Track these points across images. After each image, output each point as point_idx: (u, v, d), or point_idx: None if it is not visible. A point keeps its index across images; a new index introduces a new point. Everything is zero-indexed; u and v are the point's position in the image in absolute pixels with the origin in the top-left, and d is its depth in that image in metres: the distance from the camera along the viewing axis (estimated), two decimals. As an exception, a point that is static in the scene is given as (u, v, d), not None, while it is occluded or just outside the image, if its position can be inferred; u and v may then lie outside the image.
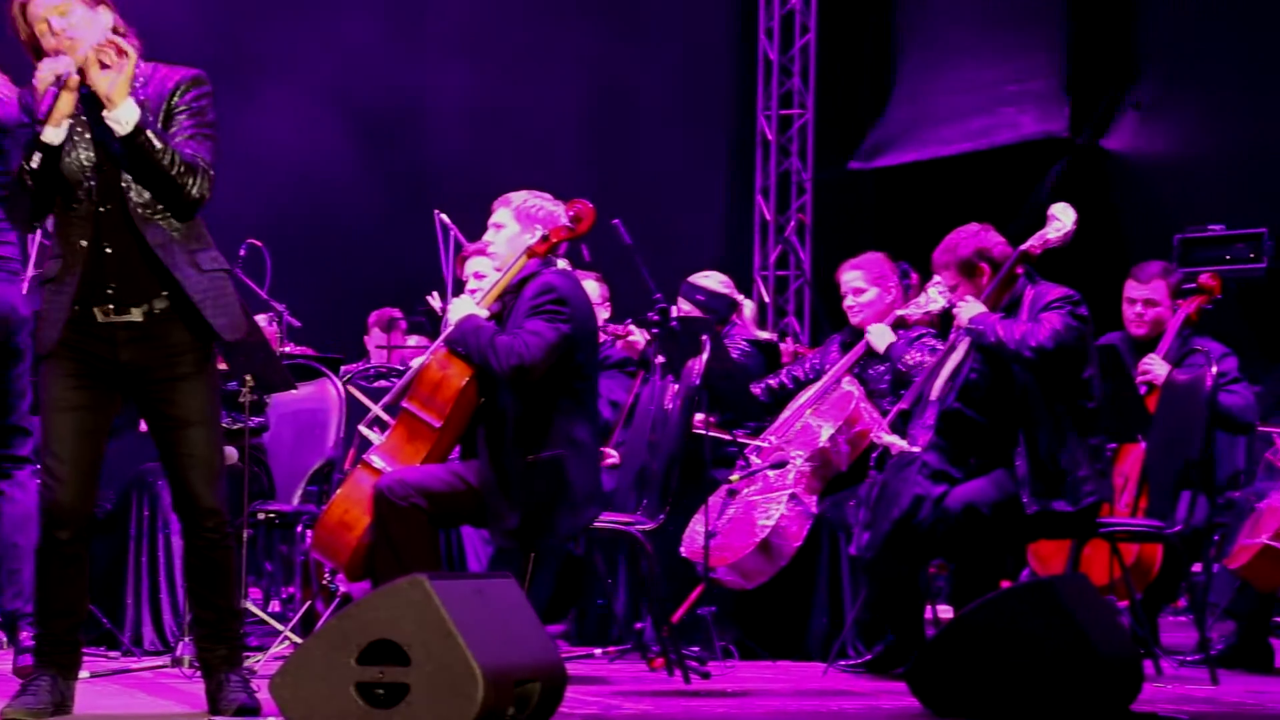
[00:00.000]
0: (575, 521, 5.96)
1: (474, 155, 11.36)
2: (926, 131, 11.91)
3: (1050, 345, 6.00)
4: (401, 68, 11.58)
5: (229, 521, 4.86)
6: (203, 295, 4.77)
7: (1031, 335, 6.02)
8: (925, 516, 6.08)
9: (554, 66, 11.67)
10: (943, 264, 6.32)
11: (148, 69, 4.79)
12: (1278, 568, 6.44)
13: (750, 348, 7.63)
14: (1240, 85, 10.77)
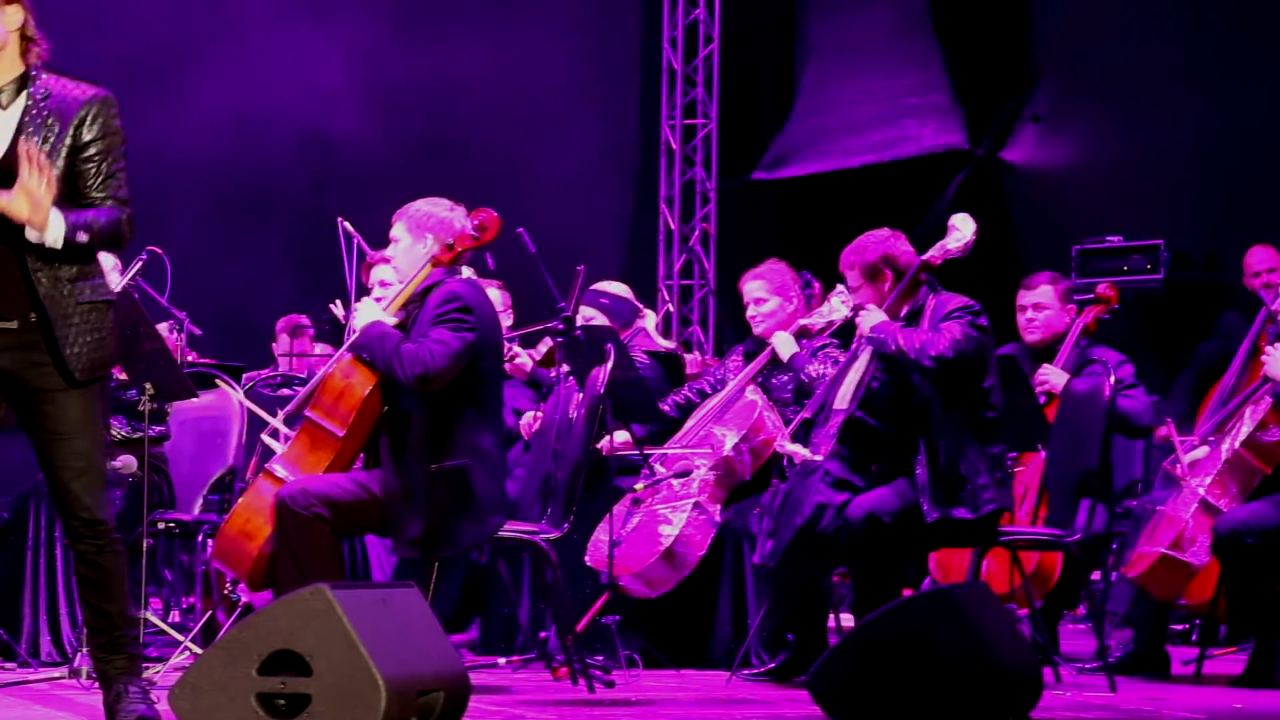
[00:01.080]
0: (480, 531, 5.95)
1: (382, 164, 11.31)
2: (829, 143, 11.98)
3: (950, 354, 6.05)
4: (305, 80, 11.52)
5: (113, 529, 4.75)
6: (66, 327, 4.59)
7: (931, 345, 6.07)
8: (828, 525, 6.11)
9: (459, 74, 11.64)
10: (848, 264, 6.37)
11: (50, 81, 4.65)
12: (1175, 576, 6.52)
13: (649, 360, 7.64)
14: (1136, 97, 10.91)
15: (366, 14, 11.60)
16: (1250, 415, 6.38)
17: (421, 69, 11.55)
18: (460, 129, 11.65)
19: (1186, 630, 7.85)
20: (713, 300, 11.83)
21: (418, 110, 11.64)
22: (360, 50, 11.60)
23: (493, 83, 11.71)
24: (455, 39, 11.60)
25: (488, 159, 11.52)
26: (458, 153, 11.47)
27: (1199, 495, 6.42)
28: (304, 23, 11.57)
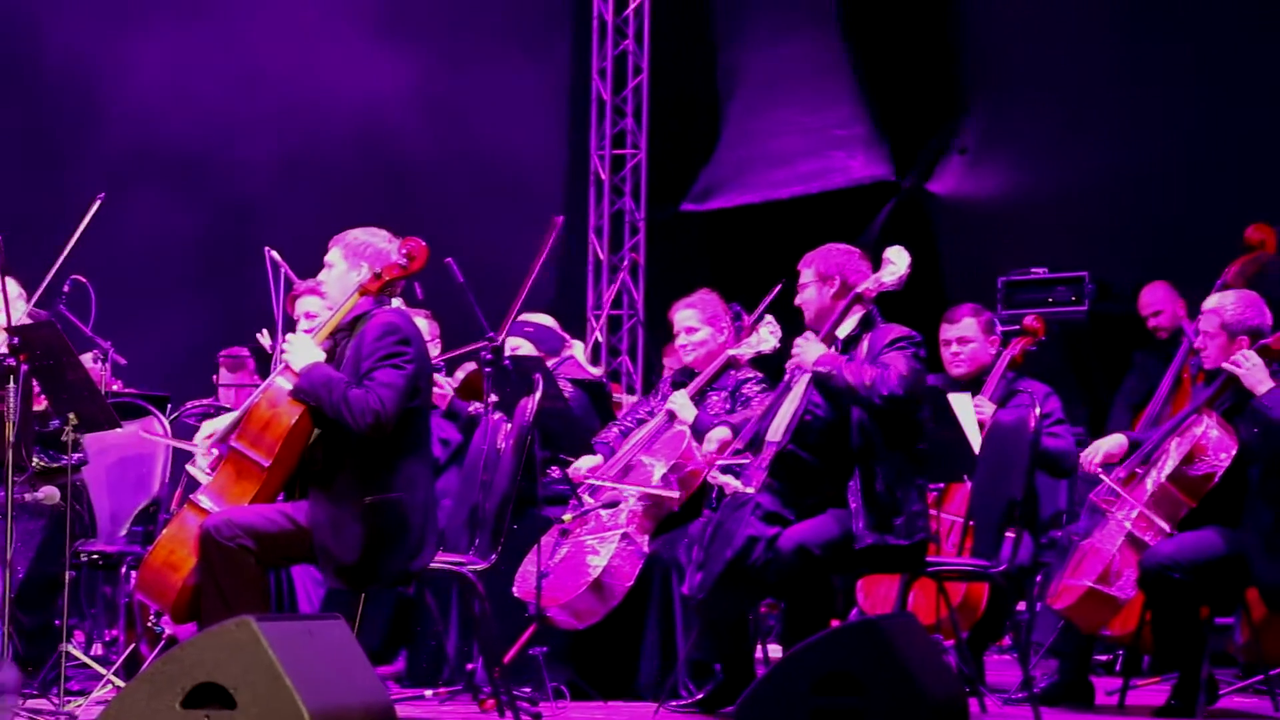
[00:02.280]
0: (411, 563, 5.92)
1: (300, 197, 11.26)
2: (757, 174, 12.03)
3: (901, 392, 6.06)
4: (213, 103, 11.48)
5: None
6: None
7: (882, 383, 6.06)
8: (758, 558, 6.10)
9: (390, 102, 11.62)
10: (808, 262, 6.37)
11: None
12: (1101, 609, 6.55)
13: (574, 388, 7.64)
14: (1061, 131, 11.01)
15: (297, 46, 11.57)
16: (1176, 449, 6.42)
17: (354, 97, 11.52)
18: (391, 159, 11.62)
19: (1110, 661, 7.90)
20: (641, 330, 11.84)
21: (347, 138, 11.60)
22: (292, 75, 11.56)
23: (421, 111, 11.70)
24: (386, 66, 11.58)
25: (414, 188, 11.50)
26: (387, 183, 11.45)
27: (1125, 529, 6.46)
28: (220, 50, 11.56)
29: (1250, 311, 6.46)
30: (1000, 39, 11.35)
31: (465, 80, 11.74)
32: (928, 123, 11.64)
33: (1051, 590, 6.75)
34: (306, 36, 11.58)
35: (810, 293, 6.36)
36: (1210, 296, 6.78)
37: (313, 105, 11.58)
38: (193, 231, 11.35)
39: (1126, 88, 10.66)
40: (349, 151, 11.56)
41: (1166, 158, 10.44)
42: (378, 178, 11.49)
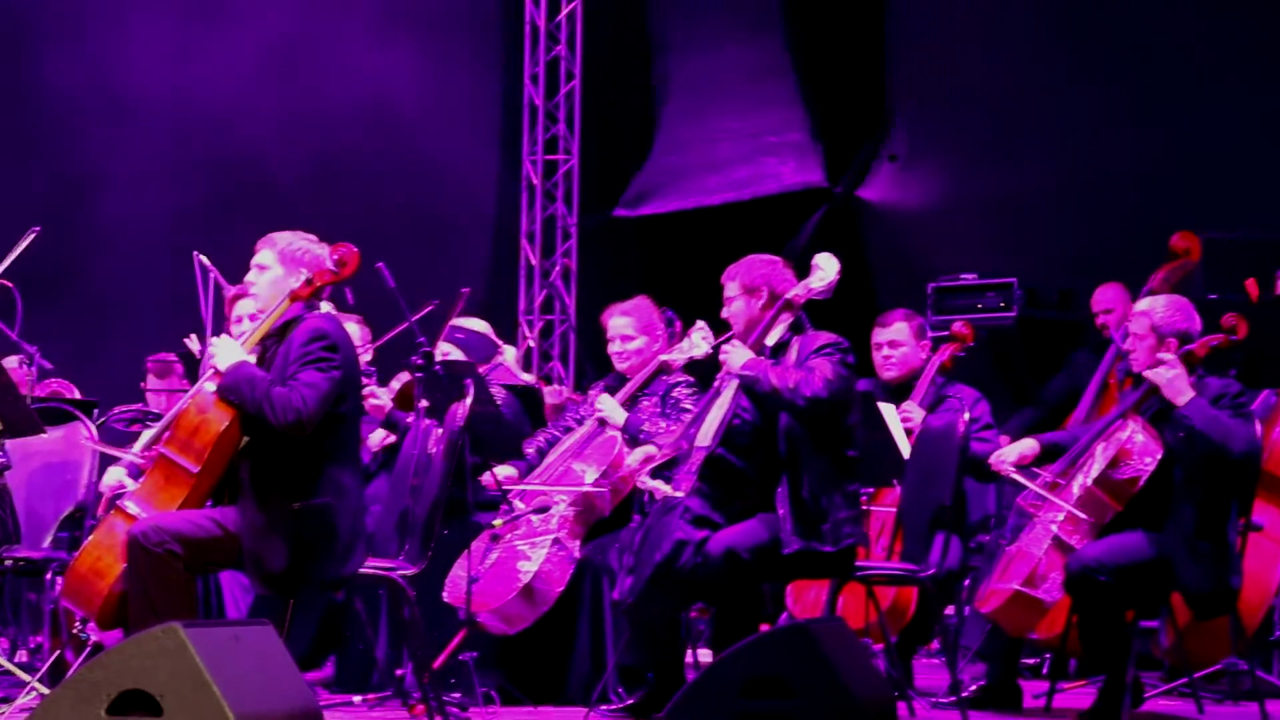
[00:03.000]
0: (340, 569, 5.90)
1: (230, 200, 11.21)
2: (691, 180, 12.05)
3: (825, 394, 6.09)
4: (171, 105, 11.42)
5: None
6: None
7: (805, 385, 6.09)
8: (687, 561, 6.12)
9: (320, 105, 11.58)
10: (732, 275, 6.39)
11: None
12: (1028, 613, 6.60)
13: (509, 395, 7.63)
14: (989, 137, 11.09)
15: (231, 51, 11.51)
16: (1102, 452, 6.48)
17: (287, 101, 11.47)
18: (321, 161, 11.57)
19: (1038, 664, 7.95)
20: (573, 336, 11.84)
21: (278, 141, 11.54)
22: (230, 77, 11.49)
23: (354, 115, 11.66)
24: (316, 68, 11.53)
25: (348, 192, 11.46)
26: (317, 185, 11.40)
27: (1052, 532, 6.51)
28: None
29: (1180, 315, 6.52)
30: (930, 47, 11.41)
31: (397, 85, 11.71)
32: (860, 130, 11.69)
33: (979, 594, 6.79)
34: (235, 42, 11.52)
35: (738, 305, 6.38)
36: (1141, 300, 6.84)
37: (243, 109, 11.53)
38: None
39: (1054, 97, 10.75)
40: (280, 154, 11.50)
41: (1093, 166, 10.53)
42: (309, 180, 11.44)
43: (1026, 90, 10.90)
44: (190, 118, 11.50)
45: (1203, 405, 6.32)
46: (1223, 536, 6.34)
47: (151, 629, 4.39)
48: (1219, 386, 6.43)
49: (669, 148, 12.19)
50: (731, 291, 6.40)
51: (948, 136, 11.35)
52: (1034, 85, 10.84)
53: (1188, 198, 9.98)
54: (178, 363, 9.71)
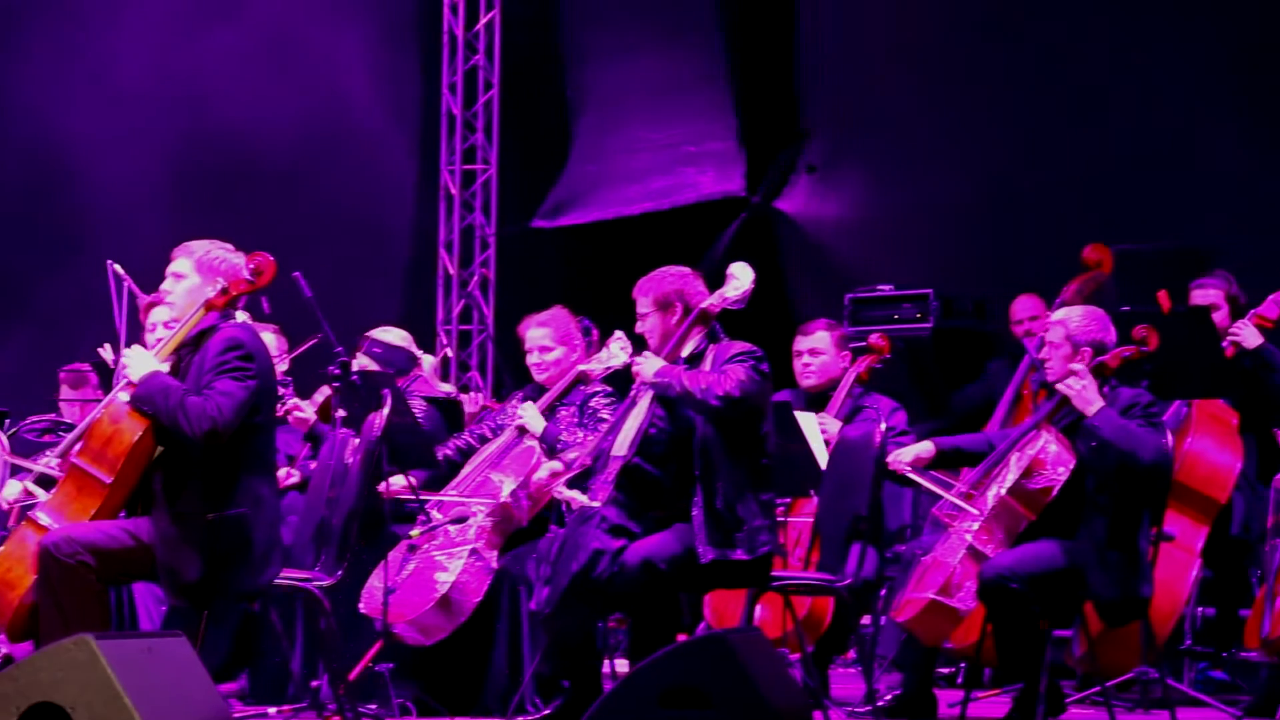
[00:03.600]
0: (256, 580, 5.87)
1: (146, 209, 11.11)
2: (609, 190, 12.05)
3: (737, 394, 6.11)
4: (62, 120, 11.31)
5: None
6: None
7: (718, 385, 6.13)
8: (603, 571, 6.13)
9: (240, 112, 11.50)
10: (643, 291, 6.41)
11: None
12: (942, 621, 6.63)
13: (429, 406, 7.62)
14: (904, 150, 11.15)
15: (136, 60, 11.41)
16: (1016, 462, 6.52)
17: (202, 108, 11.39)
18: (239, 167, 11.50)
19: (953, 673, 8.00)
20: (491, 345, 11.82)
21: (194, 151, 11.46)
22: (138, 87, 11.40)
23: (273, 122, 11.59)
24: (236, 74, 11.46)
25: (265, 199, 11.39)
26: (235, 194, 11.33)
27: (966, 541, 6.56)
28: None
29: (1096, 326, 6.58)
30: (843, 60, 11.47)
31: (314, 95, 11.65)
32: (777, 141, 11.74)
33: (895, 603, 6.83)
34: (149, 49, 11.42)
35: (652, 320, 6.40)
36: (1056, 310, 6.90)
37: (158, 117, 11.44)
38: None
39: (965, 111, 10.82)
40: (196, 163, 11.42)
41: (1008, 178, 10.61)
42: (225, 189, 11.36)
43: (939, 103, 10.97)
44: (101, 127, 11.40)
45: (1112, 415, 6.38)
46: (1133, 546, 6.40)
47: (63, 641, 4.35)
48: (1130, 396, 6.50)
49: (586, 157, 12.19)
50: (644, 307, 6.41)
51: (864, 148, 11.41)
52: (946, 98, 10.92)
53: (1100, 210, 10.08)
54: (92, 373, 9.63)
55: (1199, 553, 7.39)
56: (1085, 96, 10.28)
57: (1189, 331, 7.23)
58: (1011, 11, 10.43)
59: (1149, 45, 10.07)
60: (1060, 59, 10.24)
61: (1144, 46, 10.08)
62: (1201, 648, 7.70)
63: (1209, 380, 7.32)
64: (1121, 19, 10.21)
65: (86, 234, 10.81)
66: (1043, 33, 10.30)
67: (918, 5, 11.09)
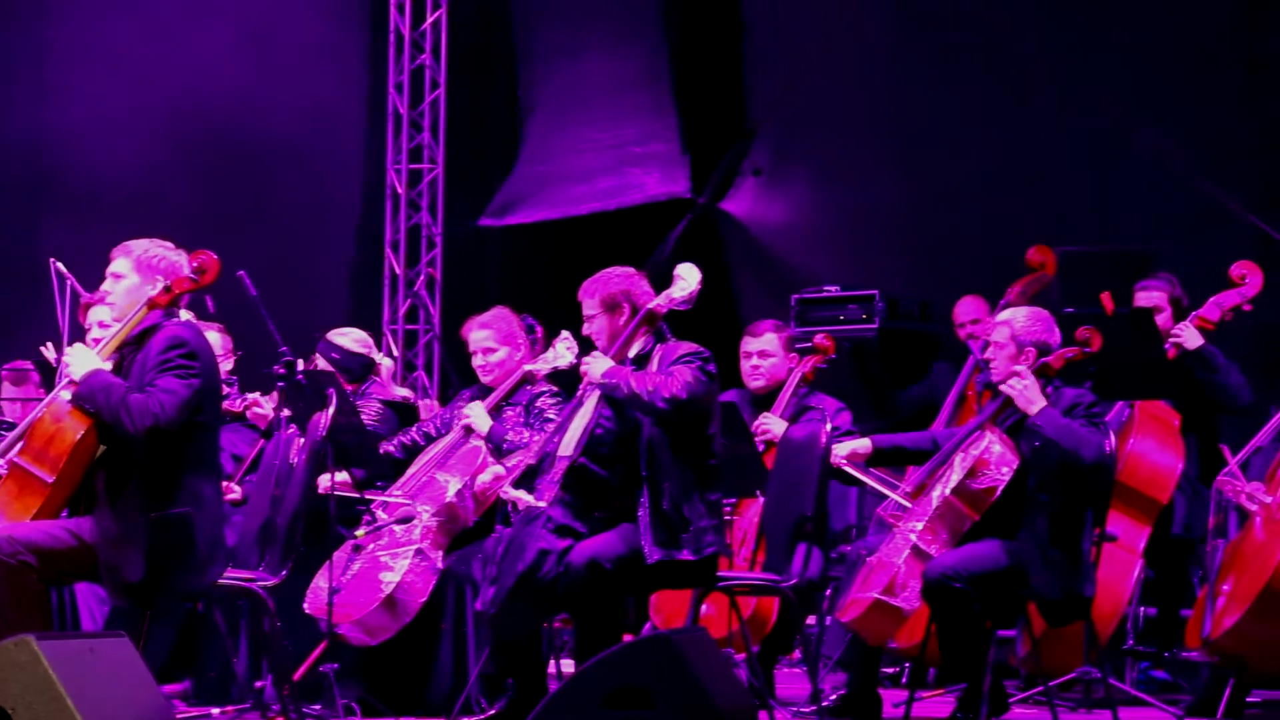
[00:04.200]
0: (199, 580, 5.85)
1: (89, 206, 11.04)
2: (555, 191, 12.04)
3: (683, 395, 6.12)
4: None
5: None
6: None
7: (664, 387, 6.14)
8: (549, 571, 6.13)
9: (184, 110, 11.44)
10: (589, 293, 6.41)
11: None
12: (888, 621, 6.66)
13: (385, 409, 7.60)
14: (849, 152, 11.19)
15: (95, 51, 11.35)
16: (960, 463, 6.56)
17: (151, 105, 11.32)
18: (184, 164, 11.43)
19: (897, 673, 8.04)
20: (438, 345, 11.79)
21: (139, 146, 11.39)
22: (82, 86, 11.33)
23: (221, 118, 11.53)
24: (183, 69, 11.40)
25: (208, 196, 11.33)
26: (179, 191, 11.27)
27: (911, 541, 6.58)
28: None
29: (1040, 327, 6.63)
30: (787, 63, 11.50)
31: (264, 90, 11.60)
32: (723, 142, 11.76)
33: (840, 604, 6.85)
34: (90, 48, 11.35)
35: (599, 322, 6.41)
36: (1001, 311, 6.93)
37: (105, 114, 11.36)
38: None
39: (908, 113, 10.86)
40: (141, 158, 11.35)
41: (952, 180, 10.66)
42: (172, 185, 11.30)
43: (882, 106, 11.02)
44: (51, 119, 11.32)
45: (1054, 415, 6.43)
46: (1076, 546, 6.44)
47: (4, 641, 4.32)
48: (1073, 397, 6.55)
49: (535, 158, 12.18)
50: (591, 309, 6.42)
51: (809, 150, 11.44)
52: (889, 101, 10.96)
53: (1042, 213, 10.14)
54: (34, 371, 9.57)
55: (1141, 553, 7.44)
56: (1029, 98, 10.33)
57: (1131, 333, 7.29)
58: (956, 13, 10.47)
59: (1093, 46, 10.13)
60: (1004, 60, 10.29)
61: (1088, 47, 10.14)
62: (1143, 647, 7.76)
63: (1151, 381, 7.37)
64: (1066, 19, 10.27)
65: (29, 232, 10.75)
66: (987, 34, 10.34)
67: (860, 7, 11.12)
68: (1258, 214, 9.65)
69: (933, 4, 10.74)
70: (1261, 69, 9.76)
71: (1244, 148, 9.75)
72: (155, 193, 11.17)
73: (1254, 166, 9.72)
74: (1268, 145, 9.77)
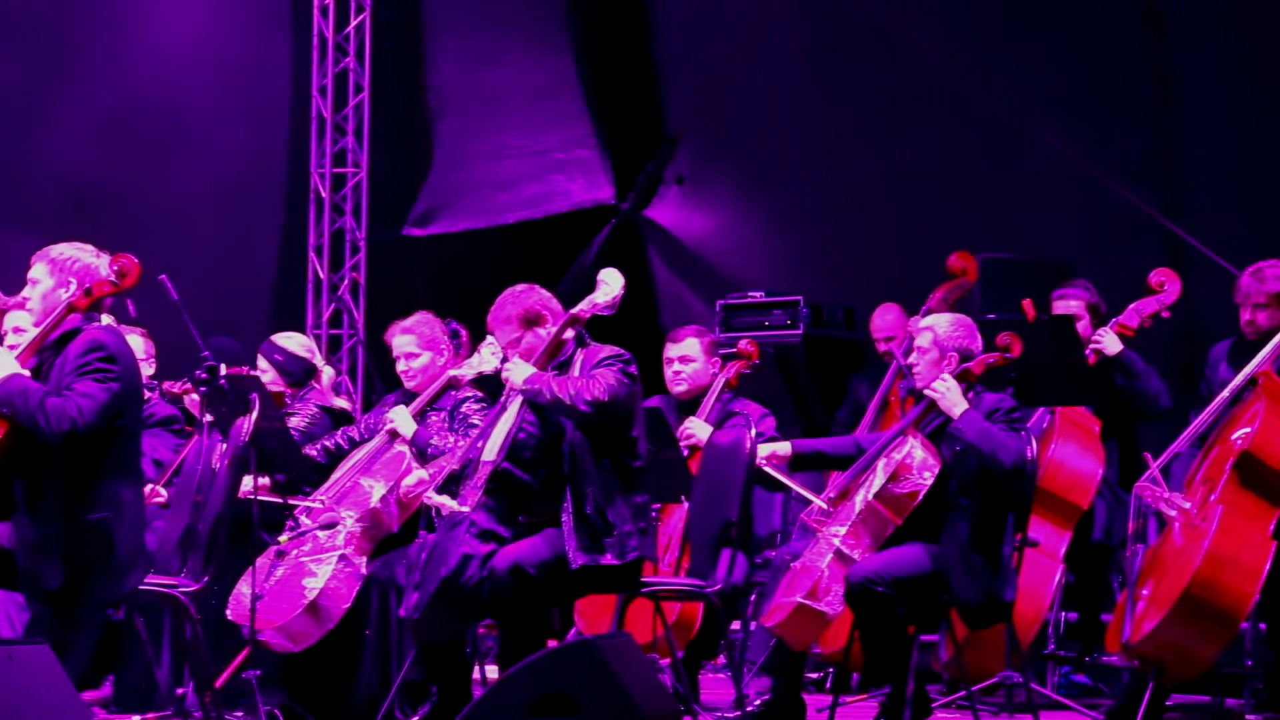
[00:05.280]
0: (119, 586, 5.80)
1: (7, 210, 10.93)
2: (478, 198, 12.01)
3: (605, 398, 6.13)
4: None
5: None
6: None
7: (586, 390, 6.14)
8: (472, 576, 6.12)
9: (109, 112, 11.34)
10: (503, 318, 6.40)
11: None
12: (812, 626, 6.69)
13: (321, 414, 7.56)
14: (771, 158, 11.22)
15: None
16: (883, 468, 6.59)
17: (79, 102, 11.23)
18: (108, 168, 11.34)
19: (821, 679, 8.06)
20: (362, 350, 11.74)
21: (62, 149, 11.29)
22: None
23: (141, 122, 11.45)
24: (109, 68, 11.31)
25: (131, 200, 11.24)
26: (101, 194, 11.17)
27: (834, 545, 6.61)
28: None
29: (963, 332, 6.68)
30: (704, 72, 11.52)
31: (188, 93, 11.53)
32: (644, 148, 11.77)
33: (765, 609, 6.87)
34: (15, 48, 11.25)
35: (527, 341, 6.39)
36: (924, 316, 6.98)
37: (27, 114, 11.26)
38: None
39: (833, 119, 10.91)
40: (64, 163, 11.25)
41: (873, 187, 10.70)
42: (93, 188, 11.21)
43: (801, 112, 11.05)
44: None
45: (976, 418, 6.49)
46: (997, 550, 6.49)
47: (-79, 649, 4.27)
48: (994, 402, 6.60)
49: (452, 164, 12.12)
50: (509, 334, 6.40)
51: (733, 157, 11.46)
52: (808, 107, 10.99)
53: (963, 219, 10.21)
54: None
55: (1062, 558, 7.50)
56: (949, 107, 10.40)
57: (1052, 339, 7.34)
58: (874, 17, 10.50)
59: (1012, 53, 10.20)
60: (925, 67, 10.34)
61: (1007, 54, 10.21)
62: (1064, 652, 7.82)
63: (1071, 387, 7.43)
64: (988, 25, 10.34)
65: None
66: (907, 39, 10.38)
67: (772, 13, 11.14)
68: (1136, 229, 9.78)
69: (846, 12, 10.77)
70: (1164, 82, 9.87)
71: (1148, 159, 9.86)
72: (76, 195, 11.08)
73: (1157, 178, 9.83)
74: (1170, 157, 9.88)
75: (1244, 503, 6.62)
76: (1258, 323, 7.11)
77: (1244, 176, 9.56)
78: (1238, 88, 9.56)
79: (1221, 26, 9.63)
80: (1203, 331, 8.40)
